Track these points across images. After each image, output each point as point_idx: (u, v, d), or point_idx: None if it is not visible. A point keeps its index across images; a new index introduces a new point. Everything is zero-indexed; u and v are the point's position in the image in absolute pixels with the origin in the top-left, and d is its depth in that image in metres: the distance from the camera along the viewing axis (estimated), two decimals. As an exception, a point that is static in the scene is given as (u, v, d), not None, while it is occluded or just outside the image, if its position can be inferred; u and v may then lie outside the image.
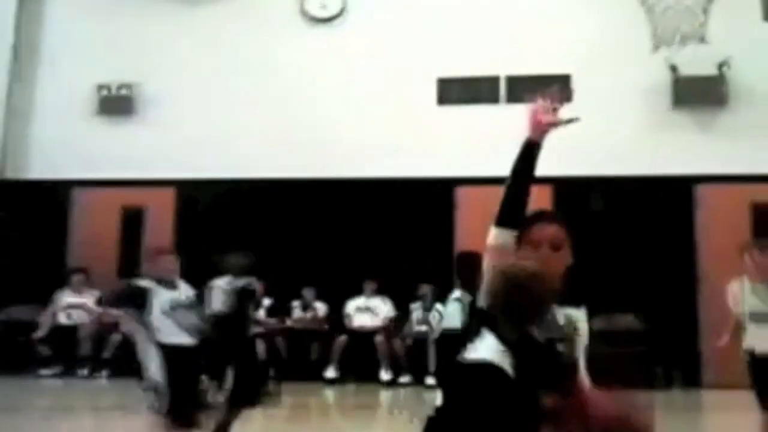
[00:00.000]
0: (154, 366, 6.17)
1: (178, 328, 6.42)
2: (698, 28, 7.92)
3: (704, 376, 11.44)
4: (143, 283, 6.51)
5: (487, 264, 3.14)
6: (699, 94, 12.05)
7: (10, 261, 12.79)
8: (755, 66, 11.88)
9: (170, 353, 6.21)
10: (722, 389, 10.60)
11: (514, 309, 2.86)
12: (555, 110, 3.38)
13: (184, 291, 6.68)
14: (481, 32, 12.79)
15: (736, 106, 12.07)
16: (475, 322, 2.94)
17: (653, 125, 12.24)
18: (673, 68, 11.91)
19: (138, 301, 6.42)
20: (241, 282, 8.36)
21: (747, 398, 6.18)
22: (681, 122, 12.26)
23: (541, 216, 3.25)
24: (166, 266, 6.71)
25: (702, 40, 8.05)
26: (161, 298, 6.46)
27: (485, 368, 2.76)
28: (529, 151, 3.43)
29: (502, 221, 3.20)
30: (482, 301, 2.98)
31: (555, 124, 3.39)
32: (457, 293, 8.10)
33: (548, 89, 3.36)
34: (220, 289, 8.14)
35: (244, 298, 8.38)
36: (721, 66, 11.85)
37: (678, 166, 11.98)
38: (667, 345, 11.40)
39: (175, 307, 6.50)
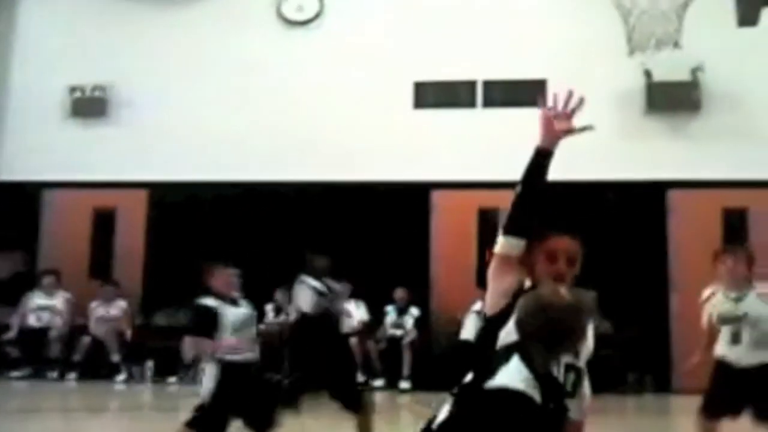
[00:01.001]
0: (210, 386, 6.15)
1: (244, 345, 6.40)
2: (673, 33, 7.95)
3: (675, 382, 11.47)
4: (210, 302, 6.47)
5: (492, 272, 3.07)
6: (672, 99, 12.11)
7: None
8: (729, 72, 11.96)
9: (233, 370, 6.19)
10: (693, 394, 10.61)
11: (549, 340, 2.79)
12: (569, 117, 3.32)
13: (244, 306, 6.64)
14: (458, 36, 12.79)
15: (709, 112, 12.13)
16: (504, 348, 2.86)
17: (627, 130, 12.28)
18: (647, 73, 11.97)
19: (208, 322, 6.39)
20: (331, 283, 8.28)
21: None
22: (654, 127, 12.31)
23: (557, 226, 3.21)
24: (227, 282, 6.66)
25: (676, 45, 8.08)
26: (228, 316, 6.43)
27: (516, 396, 2.71)
28: (541, 160, 3.25)
29: (510, 230, 3.10)
30: (513, 326, 2.87)
31: (570, 132, 3.31)
32: (477, 305, 8.10)
33: (555, 95, 3.26)
34: (308, 289, 8.05)
35: (332, 299, 8.32)
36: (694, 71, 11.92)
37: (651, 171, 12.03)
38: (639, 350, 11.44)
39: (240, 325, 6.49)
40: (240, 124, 12.90)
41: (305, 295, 8.01)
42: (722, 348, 6.12)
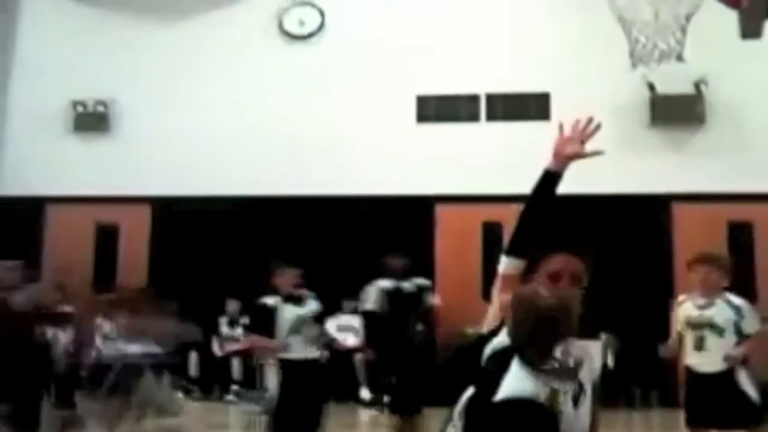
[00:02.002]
0: (272, 386, 6.18)
1: (305, 344, 6.44)
2: (676, 46, 7.91)
3: (681, 396, 11.39)
4: (269, 301, 6.53)
5: (495, 291, 3.07)
6: (676, 112, 12.09)
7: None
8: (732, 84, 11.94)
9: (295, 368, 6.23)
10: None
11: (543, 341, 2.79)
12: (583, 141, 3.36)
13: (310, 305, 6.67)
14: (461, 50, 12.79)
15: (713, 125, 12.11)
16: (498, 356, 2.85)
17: (630, 143, 12.24)
18: (651, 86, 11.95)
19: (264, 320, 6.42)
20: (407, 284, 8.25)
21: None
22: (658, 140, 12.29)
23: (560, 244, 3.18)
24: (291, 281, 6.73)
25: (680, 58, 8.03)
26: (287, 314, 6.47)
27: (526, 405, 2.70)
28: (549, 181, 3.25)
29: (511, 250, 3.10)
30: (503, 338, 2.88)
31: (580, 156, 3.33)
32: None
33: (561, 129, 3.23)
34: (377, 289, 8.05)
35: (408, 300, 8.30)
36: (698, 84, 11.90)
37: (655, 184, 12.00)
38: (644, 365, 11.38)
39: (300, 323, 6.51)
40: (242, 139, 12.90)
41: (371, 294, 8.05)
42: (688, 355, 6.27)
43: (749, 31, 6.98)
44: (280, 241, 12.53)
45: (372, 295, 8.52)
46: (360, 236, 12.41)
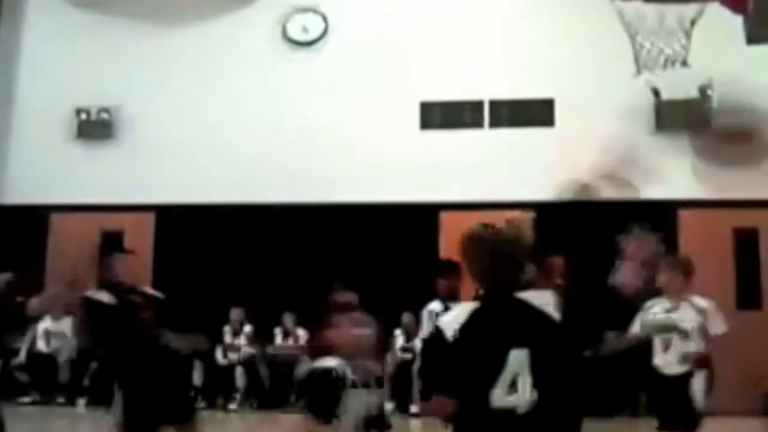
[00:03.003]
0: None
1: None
2: (681, 51, 7.90)
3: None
4: None
5: None
6: (681, 117, 12.04)
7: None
8: (738, 89, 11.88)
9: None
10: (706, 416, 10.53)
11: (502, 271, 2.98)
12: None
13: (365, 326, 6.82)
14: (464, 56, 12.76)
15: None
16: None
17: (635, 149, 12.19)
18: (656, 92, 11.90)
19: None
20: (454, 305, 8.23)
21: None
22: (663, 146, 12.22)
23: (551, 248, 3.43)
24: (344, 304, 6.85)
25: (685, 63, 8.03)
26: None
27: (528, 418, 2.80)
28: None
29: None
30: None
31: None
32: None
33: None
34: (429, 313, 7.97)
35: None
36: (703, 89, 11.85)
37: (660, 190, 11.92)
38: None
39: None
40: (246, 146, 12.88)
41: (424, 319, 7.99)
42: (656, 356, 6.29)
43: (754, 36, 6.96)
44: (283, 249, 12.52)
45: (425, 320, 8.42)
46: (364, 243, 12.38)
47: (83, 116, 13.42)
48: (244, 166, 12.79)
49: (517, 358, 2.78)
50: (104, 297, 6.76)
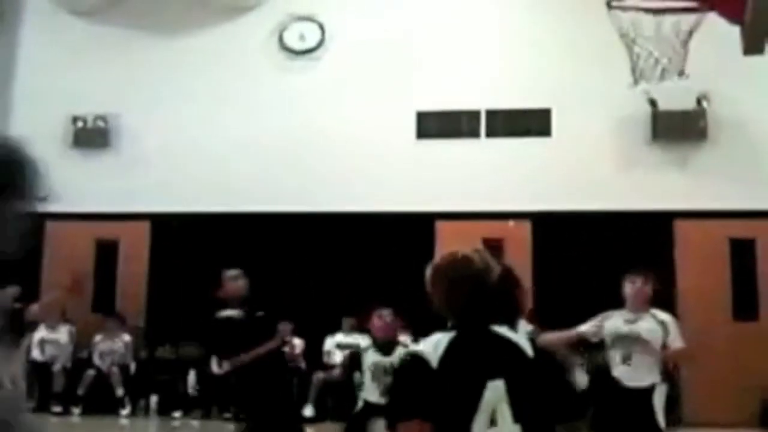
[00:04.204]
0: None
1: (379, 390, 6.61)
2: (678, 61, 7.88)
3: (684, 414, 11.32)
4: (362, 342, 6.68)
5: None
6: (678, 128, 12.04)
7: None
8: (735, 100, 11.89)
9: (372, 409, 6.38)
10: (704, 427, 10.54)
11: (472, 304, 2.94)
12: None
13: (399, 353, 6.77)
14: (461, 66, 12.75)
15: (715, 141, 12.06)
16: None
17: (632, 160, 12.21)
18: (652, 102, 11.90)
19: (352, 362, 6.61)
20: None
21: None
22: (660, 157, 12.23)
23: None
24: (380, 326, 6.79)
25: (682, 74, 8.01)
26: (366, 361, 6.57)
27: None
28: None
29: None
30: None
31: None
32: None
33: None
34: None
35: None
36: (700, 100, 11.85)
37: (657, 201, 11.94)
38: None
39: (377, 371, 6.62)
40: (243, 155, 12.86)
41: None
42: (616, 368, 6.32)
43: (751, 47, 6.93)
44: (279, 258, 12.48)
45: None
46: (360, 253, 12.36)
47: (79, 124, 13.41)
48: (240, 176, 12.76)
49: (494, 390, 2.76)
50: (234, 314, 6.89)
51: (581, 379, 6.24)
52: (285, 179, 12.65)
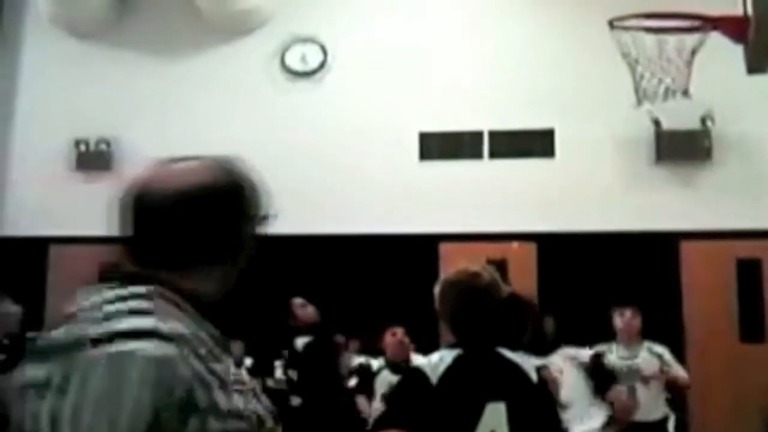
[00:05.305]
0: None
1: None
2: (681, 81, 7.86)
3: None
4: (374, 363, 6.57)
5: None
6: (682, 148, 11.99)
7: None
8: (739, 119, 11.85)
9: None
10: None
11: (478, 320, 2.95)
12: None
13: None
14: (463, 86, 12.74)
15: (720, 161, 12.01)
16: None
17: (636, 180, 12.16)
18: (656, 122, 11.87)
19: (364, 382, 6.52)
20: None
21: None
22: (664, 177, 12.18)
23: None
24: (393, 346, 6.73)
25: (686, 93, 7.98)
26: (379, 382, 6.50)
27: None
28: None
29: None
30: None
31: None
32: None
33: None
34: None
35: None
36: (704, 120, 11.81)
37: (661, 222, 11.88)
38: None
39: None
40: (245, 177, 12.81)
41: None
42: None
43: (755, 65, 6.90)
44: (283, 280, 12.42)
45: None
46: (362, 274, 12.30)
47: (82, 147, 13.39)
48: (243, 198, 12.71)
49: (494, 412, 2.71)
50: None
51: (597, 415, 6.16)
52: (286, 201, 12.51)
